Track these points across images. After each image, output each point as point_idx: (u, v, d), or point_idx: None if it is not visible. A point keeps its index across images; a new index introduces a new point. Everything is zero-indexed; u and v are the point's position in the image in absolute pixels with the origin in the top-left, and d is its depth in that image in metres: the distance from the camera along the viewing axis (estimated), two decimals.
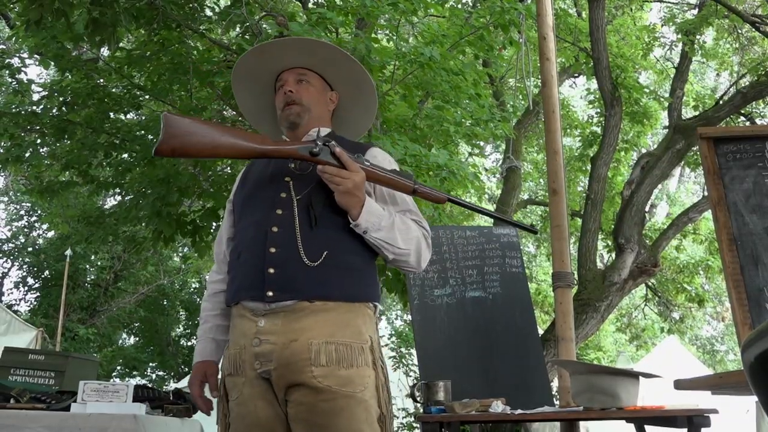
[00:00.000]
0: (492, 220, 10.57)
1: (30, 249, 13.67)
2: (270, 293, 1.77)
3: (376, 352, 1.84)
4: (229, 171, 5.89)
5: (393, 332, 9.07)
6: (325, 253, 1.80)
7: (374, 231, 1.82)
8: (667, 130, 8.10)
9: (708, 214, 8.20)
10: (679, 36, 8.30)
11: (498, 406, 2.72)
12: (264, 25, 4.98)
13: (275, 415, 1.79)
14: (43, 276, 13.44)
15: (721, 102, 7.67)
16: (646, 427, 2.83)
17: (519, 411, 2.70)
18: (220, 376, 1.93)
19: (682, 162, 9.09)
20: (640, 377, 2.64)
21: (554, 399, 3.97)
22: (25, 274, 13.66)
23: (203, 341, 2.01)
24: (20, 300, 13.61)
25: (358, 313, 1.84)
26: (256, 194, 1.94)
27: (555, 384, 4.93)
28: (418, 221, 1.94)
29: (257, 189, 1.95)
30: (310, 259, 1.79)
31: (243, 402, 1.81)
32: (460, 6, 6.42)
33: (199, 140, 1.79)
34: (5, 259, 13.82)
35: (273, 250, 1.81)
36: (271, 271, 1.79)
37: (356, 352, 1.78)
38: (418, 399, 2.98)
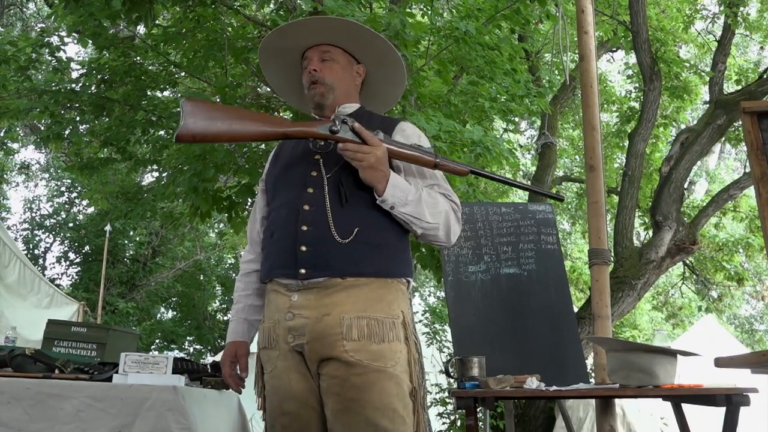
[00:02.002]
0: (527, 196, 10.48)
1: (71, 224, 13.97)
2: (303, 270, 1.80)
3: (408, 328, 1.87)
4: (264, 147, 5.92)
5: (426, 308, 9.09)
6: (356, 230, 1.82)
7: (401, 206, 1.83)
8: (707, 105, 7.91)
9: (749, 191, 8.02)
10: (722, 8, 8.05)
11: (533, 383, 2.71)
12: (298, 1, 4.97)
13: (309, 387, 1.82)
14: (83, 251, 13.75)
15: (765, 76, 7.45)
16: (683, 405, 2.80)
17: (554, 388, 2.70)
18: (255, 350, 1.97)
19: (723, 138, 8.88)
20: (678, 355, 2.61)
21: (589, 376, 3.96)
22: (66, 249, 13.99)
23: (235, 321, 2.05)
24: (62, 274, 13.97)
25: (390, 288, 1.86)
26: (288, 173, 1.97)
27: (590, 361, 4.90)
28: (446, 195, 1.95)
29: (289, 168, 1.97)
30: (341, 237, 1.81)
31: (277, 375, 1.85)
32: None
33: (219, 125, 1.82)
34: (47, 234, 14.15)
35: (305, 228, 1.83)
36: (304, 248, 1.82)
37: (387, 327, 1.80)
38: (453, 374, 2.99)
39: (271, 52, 2.11)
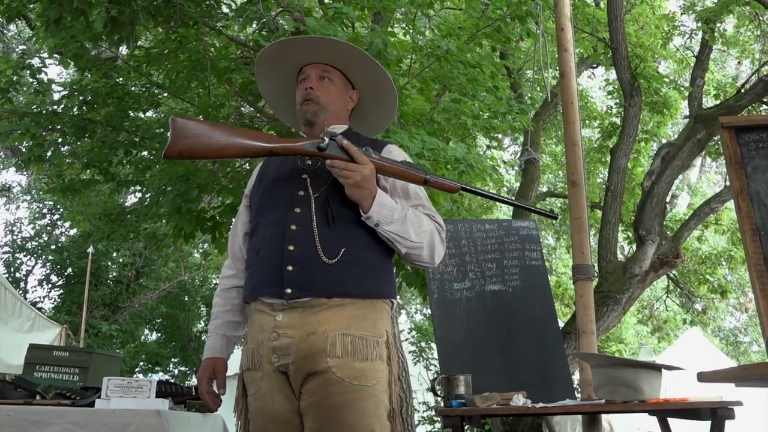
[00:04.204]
0: (511, 213, 10.52)
1: (53, 247, 13.81)
2: (289, 290, 1.80)
3: (392, 348, 1.87)
4: (248, 167, 5.91)
5: (413, 326, 9.07)
6: (342, 250, 1.83)
7: (386, 224, 1.83)
8: (687, 119, 8.01)
9: (730, 204, 8.10)
10: (699, 24, 8.19)
11: (519, 400, 2.71)
12: (280, 21, 4.99)
13: (292, 408, 1.81)
14: (66, 273, 13.57)
15: (742, 90, 7.56)
16: (669, 419, 2.81)
17: (540, 404, 2.69)
18: (238, 371, 1.96)
19: (703, 152, 8.98)
20: (663, 370, 2.62)
21: (576, 392, 3.96)
22: (48, 271, 13.80)
23: (213, 337, 2.04)
24: (44, 297, 13.75)
25: (375, 308, 1.86)
26: (274, 192, 1.96)
27: (576, 377, 4.91)
28: (431, 216, 1.95)
29: (275, 186, 1.97)
30: (327, 257, 1.81)
31: (261, 396, 1.83)
32: None
33: (206, 141, 1.82)
34: (29, 257, 13.98)
35: (291, 248, 1.83)
36: (290, 268, 1.81)
37: (371, 346, 1.80)
38: (439, 393, 2.98)
39: (269, 63, 2.12)
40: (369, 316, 1.84)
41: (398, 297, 1.99)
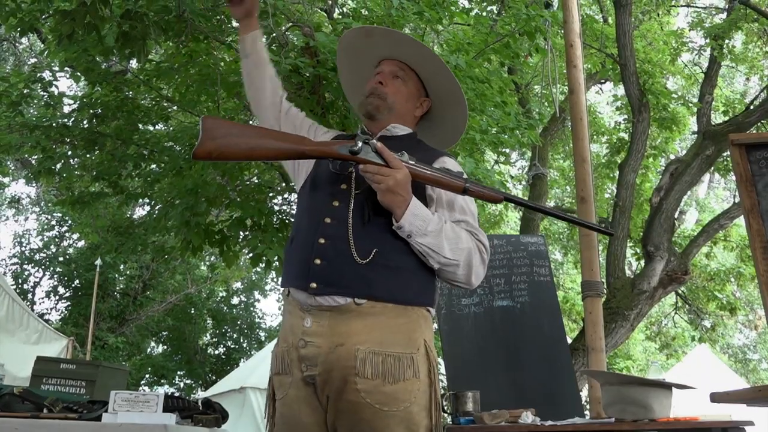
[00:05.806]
0: (519, 228, 10.50)
1: (61, 259, 13.87)
2: (314, 285, 1.72)
3: (432, 357, 1.77)
4: (257, 180, 5.93)
5: None
6: (374, 251, 1.74)
7: (419, 236, 1.73)
8: (695, 135, 8.00)
9: (739, 220, 8.07)
10: (708, 40, 8.20)
11: (528, 417, 2.69)
12: (290, 36, 5.02)
13: (318, 422, 1.75)
14: (73, 285, 13.62)
15: (751, 107, 7.55)
16: None
17: (549, 422, 2.67)
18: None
19: (712, 168, 8.96)
20: (673, 388, 2.59)
21: (584, 409, 3.93)
22: (56, 283, 13.86)
23: None
24: (51, 309, 13.80)
25: (411, 316, 1.76)
26: (322, 180, 1.89)
27: (584, 393, 4.87)
28: (474, 233, 1.84)
29: (325, 176, 1.89)
30: (360, 256, 1.73)
31: (287, 403, 1.77)
32: (485, 14, 6.41)
33: (236, 142, 1.77)
34: (37, 268, 14.04)
35: (322, 241, 1.76)
36: (318, 262, 1.74)
37: (405, 365, 1.70)
38: (447, 409, 2.96)
39: (349, 50, 2.13)
40: (403, 327, 1.74)
41: None
